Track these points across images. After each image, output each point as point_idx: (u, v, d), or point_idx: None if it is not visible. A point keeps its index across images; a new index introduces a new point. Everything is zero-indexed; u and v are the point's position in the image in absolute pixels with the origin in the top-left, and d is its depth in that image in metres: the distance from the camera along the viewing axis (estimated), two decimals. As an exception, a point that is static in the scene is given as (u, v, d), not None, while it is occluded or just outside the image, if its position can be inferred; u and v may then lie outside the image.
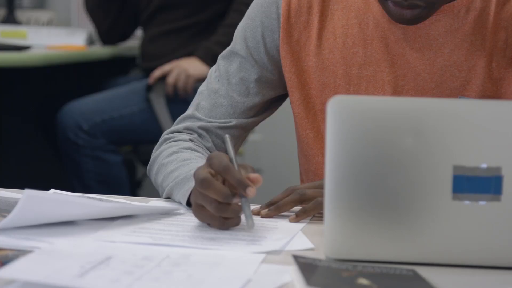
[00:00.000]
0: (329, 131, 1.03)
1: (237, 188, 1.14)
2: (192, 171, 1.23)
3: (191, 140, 1.46)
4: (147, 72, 3.17)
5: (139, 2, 3.26)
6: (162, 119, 3.03)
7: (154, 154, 1.47)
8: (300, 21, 1.47)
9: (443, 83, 1.41)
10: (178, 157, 1.39)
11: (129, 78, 3.43)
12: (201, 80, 2.95)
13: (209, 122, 1.48)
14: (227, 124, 1.48)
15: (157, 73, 3.04)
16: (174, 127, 1.51)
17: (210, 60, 2.99)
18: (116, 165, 3.05)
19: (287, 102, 1.55)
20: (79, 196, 1.28)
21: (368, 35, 1.44)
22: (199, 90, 1.52)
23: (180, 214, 1.26)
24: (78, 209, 1.17)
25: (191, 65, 3.02)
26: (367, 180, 1.04)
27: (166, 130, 1.53)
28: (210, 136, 1.48)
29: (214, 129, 1.48)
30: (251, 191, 1.13)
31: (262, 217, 1.26)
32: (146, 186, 3.59)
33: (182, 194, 1.28)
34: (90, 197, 1.27)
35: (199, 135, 1.48)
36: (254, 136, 3.61)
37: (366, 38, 1.44)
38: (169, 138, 1.48)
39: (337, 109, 1.03)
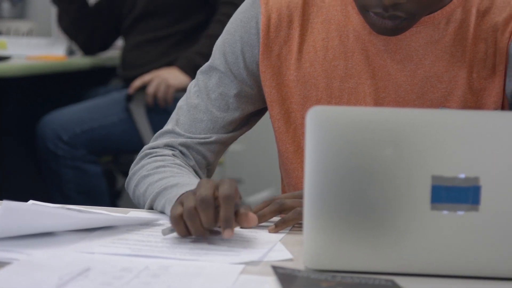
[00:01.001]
0: (308, 142, 1.03)
1: (220, 221, 1.14)
2: (184, 182, 1.24)
3: (174, 155, 1.45)
4: (127, 81, 3.16)
5: (120, 12, 3.26)
6: (142, 129, 3.02)
7: (134, 168, 1.46)
8: (281, 36, 1.47)
9: (424, 95, 1.42)
10: (166, 170, 1.39)
11: (109, 88, 3.42)
12: (181, 90, 2.96)
13: (189, 138, 1.47)
14: (207, 140, 1.47)
15: (137, 83, 3.04)
16: (153, 143, 1.49)
17: (190, 70, 3.00)
18: (96, 175, 3.04)
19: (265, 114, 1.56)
20: (58, 207, 1.28)
21: (349, 48, 1.44)
22: (178, 104, 1.51)
23: (159, 225, 1.25)
24: (57, 220, 1.17)
25: (171, 75, 3.02)
26: (347, 190, 1.04)
27: (146, 140, 1.53)
28: (191, 153, 1.47)
29: (195, 145, 1.47)
30: (228, 234, 1.13)
31: (241, 227, 1.26)
32: (126, 196, 3.58)
33: (169, 200, 1.27)
34: (69, 208, 1.26)
35: (181, 152, 1.47)
36: (235, 146, 3.61)
37: (347, 50, 1.44)
38: (150, 153, 1.47)
39: (317, 119, 1.03)
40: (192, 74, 2.99)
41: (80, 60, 3.35)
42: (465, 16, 1.43)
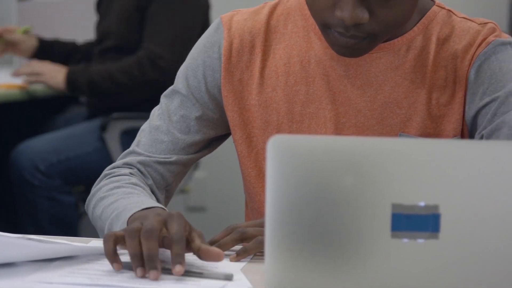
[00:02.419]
0: (269, 170, 1.03)
1: (172, 257, 1.14)
2: (132, 204, 1.24)
3: (131, 174, 1.46)
4: (91, 109, 3.18)
5: (88, 48, 3.28)
6: (116, 159, 3.01)
7: (93, 189, 1.46)
8: (243, 61, 1.48)
9: (384, 120, 1.43)
10: (119, 191, 1.39)
11: (68, 117, 3.42)
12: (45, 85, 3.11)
13: (148, 156, 1.48)
14: (167, 160, 1.48)
15: (23, 70, 3.15)
16: (114, 163, 1.51)
17: (71, 84, 3.05)
18: (70, 206, 3.03)
19: (228, 140, 1.55)
20: (18, 237, 1.26)
21: (310, 73, 1.45)
22: (141, 128, 1.52)
23: (120, 254, 1.24)
24: (17, 250, 1.16)
25: (53, 73, 3.09)
26: (308, 219, 1.04)
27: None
28: (149, 172, 1.47)
29: (153, 164, 1.47)
30: (178, 270, 1.12)
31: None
32: (90, 224, 3.55)
33: (122, 225, 1.28)
34: (29, 238, 1.25)
35: (139, 170, 1.47)
36: (199, 174, 3.61)
37: (308, 76, 1.45)
38: (109, 174, 1.47)
39: (277, 148, 1.03)
40: (70, 87, 3.05)
41: (42, 88, 3.30)
42: (425, 43, 1.44)
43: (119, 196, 1.37)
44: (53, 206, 3.01)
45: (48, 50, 3.32)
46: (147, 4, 3.04)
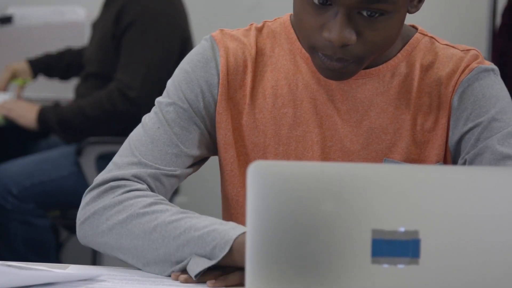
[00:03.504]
0: (249, 196, 1.03)
1: None
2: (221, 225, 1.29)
3: (150, 188, 1.41)
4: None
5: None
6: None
7: (96, 201, 1.39)
8: (237, 80, 1.48)
9: (369, 146, 1.44)
10: (172, 209, 1.35)
11: (50, 141, 3.41)
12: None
13: (157, 169, 1.43)
14: (173, 173, 1.44)
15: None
16: (118, 173, 1.42)
17: (43, 123, 3.05)
18: (45, 230, 3.01)
19: (208, 165, 1.55)
20: (-2, 264, 1.26)
21: (298, 96, 1.46)
22: (133, 138, 1.47)
23: (101, 280, 1.24)
24: (-3, 277, 1.15)
25: (24, 113, 3.08)
26: (288, 245, 1.04)
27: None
28: (157, 187, 1.43)
29: (162, 177, 1.43)
30: None
31: (181, 282, 1.25)
32: (68, 250, 3.53)
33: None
34: (9, 265, 1.24)
35: (149, 185, 1.42)
36: (180, 199, 3.60)
37: (295, 99, 1.46)
38: (118, 186, 1.39)
39: (257, 174, 1.03)
40: (40, 127, 3.04)
41: None
42: (409, 70, 1.46)
43: (178, 215, 1.33)
44: (27, 230, 2.99)
45: (39, 66, 3.34)
46: (122, 33, 3.04)
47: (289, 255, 1.04)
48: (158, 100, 1.49)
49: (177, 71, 1.50)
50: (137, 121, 1.51)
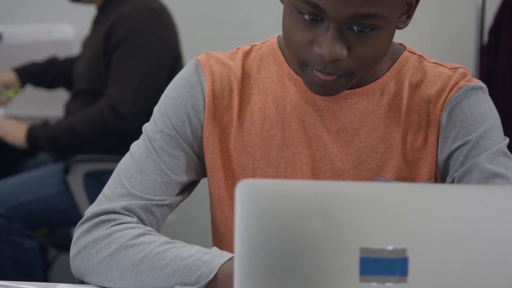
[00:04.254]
0: (237, 215, 1.03)
1: None
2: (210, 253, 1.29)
3: (141, 221, 1.42)
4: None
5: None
6: (80, 202, 3.00)
7: (88, 236, 1.40)
8: (223, 103, 1.48)
9: (359, 165, 1.44)
10: (158, 239, 1.36)
11: (39, 160, 3.40)
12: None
13: (148, 200, 1.43)
14: (163, 203, 1.45)
15: None
16: (109, 205, 1.42)
17: (32, 141, 3.03)
18: (32, 250, 3.00)
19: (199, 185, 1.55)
20: (-15, 283, 1.25)
21: (286, 118, 1.46)
22: (122, 168, 1.47)
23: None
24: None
25: (13, 131, 3.09)
26: (277, 264, 1.04)
27: (83, 212, 1.48)
28: (148, 218, 1.43)
29: (152, 207, 1.43)
30: None
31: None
32: (57, 268, 3.52)
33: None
34: (-4, 284, 1.24)
35: (139, 218, 1.42)
36: (169, 217, 3.60)
37: (284, 120, 1.46)
38: (107, 221, 1.41)
39: (245, 193, 1.03)
40: (29, 145, 3.04)
41: None
42: (398, 88, 1.46)
43: (164, 246, 1.34)
44: (14, 250, 2.97)
45: (26, 75, 3.34)
46: (113, 49, 3.04)
47: (277, 273, 1.03)
48: (146, 127, 1.50)
49: (163, 97, 1.50)
50: (127, 137, 1.52)
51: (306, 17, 1.34)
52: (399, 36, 1.52)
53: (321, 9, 1.31)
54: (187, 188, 1.51)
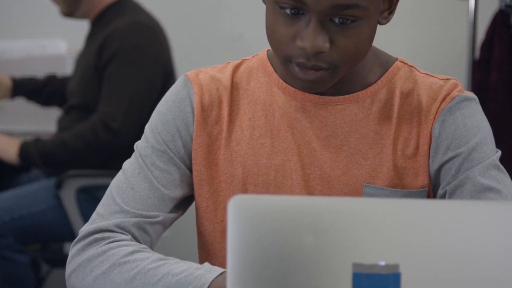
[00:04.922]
0: (230, 230, 1.03)
1: None
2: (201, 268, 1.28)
3: (134, 238, 1.42)
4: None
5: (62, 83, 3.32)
6: (72, 217, 2.99)
7: (82, 255, 1.40)
8: (212, 116, 1.49)
9: (349, 171, 1.44)
10: (152, 256, 1.36)
11: (31, 175, 3.39)
12: None
13: (140, 216, 1.43)
14: (156, 219, 1.45)
15: None
16: (102, 224, 1.43)
17: (24, 157, 3.03)
18: (24, 265, 2.99)
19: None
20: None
21: (275, 125, 1.47)
22: (115, 186, 1.47)
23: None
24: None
25: (5, 147, 3.08)
26: (269, 279, 1.04)
27: (76, 228, 1.50)
28: (142, 236, 1.43)
29: (146, 225, 1.44)
30: None
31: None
32: (49, 284, 3.51)
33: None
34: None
35: (133, 236, 1.42)
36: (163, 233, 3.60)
37: (273, 128, 1.47)
38: (102, 239, 1.41)
39: (238, 208, 1.03)
40: (21, 161, 3.04)
41: None
42: (389, 96, 1.46)
43: (157, 262, 1.34)
44: (6, 265, 2.97)
45: (22, 88, 3.33)
46: (105, 64, 3.05)
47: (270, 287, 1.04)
48: (137, 145, 1.50)
49: (154, 114, 1.51)
50: (120, 153, 1.53)
51: (288, 11, 1.35)
52: (392, 51, 1.53)
53: (301, 1, 1.32)
54: (181, 206, 1.51)
